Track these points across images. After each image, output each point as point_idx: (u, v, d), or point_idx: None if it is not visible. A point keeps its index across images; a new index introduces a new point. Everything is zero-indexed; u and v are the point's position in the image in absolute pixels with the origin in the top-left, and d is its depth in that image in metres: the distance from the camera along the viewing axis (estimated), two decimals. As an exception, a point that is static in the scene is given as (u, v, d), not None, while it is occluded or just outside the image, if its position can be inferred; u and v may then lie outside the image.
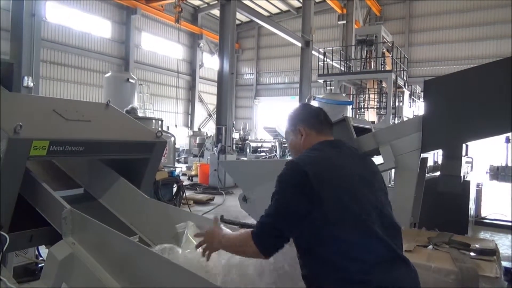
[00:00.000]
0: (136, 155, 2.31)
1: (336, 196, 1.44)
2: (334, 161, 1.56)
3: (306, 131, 1.70)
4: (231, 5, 12.76)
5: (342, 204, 1.43)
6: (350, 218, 1.42)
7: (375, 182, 1.62)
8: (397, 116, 15.11)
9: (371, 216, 1.45)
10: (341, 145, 1.67)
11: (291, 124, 1.77)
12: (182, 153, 19.92)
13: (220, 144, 12.05)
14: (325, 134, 1.71)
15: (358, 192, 1.50)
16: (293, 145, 1.76)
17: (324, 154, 1.58)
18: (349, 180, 1.51)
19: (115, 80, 14.37)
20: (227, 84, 12.57)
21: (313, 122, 1.72)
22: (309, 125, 1.71)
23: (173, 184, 7.47)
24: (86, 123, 2.17)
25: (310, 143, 1.67)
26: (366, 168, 1.64)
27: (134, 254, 1.54)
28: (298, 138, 1.72)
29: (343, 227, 1.41)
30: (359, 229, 1.41)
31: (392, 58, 15.67)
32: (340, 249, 1.39)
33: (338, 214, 1.42)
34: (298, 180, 1.46)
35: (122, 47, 21.04)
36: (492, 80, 2.85)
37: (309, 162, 1.51)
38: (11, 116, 1.83)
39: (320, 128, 1.71)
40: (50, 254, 1.74)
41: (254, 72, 28.84)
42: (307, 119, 1.73)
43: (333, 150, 1.61)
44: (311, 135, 1.70)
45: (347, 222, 1.42)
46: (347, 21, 20.05)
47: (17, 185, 1.81)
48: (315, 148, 1.62)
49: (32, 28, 7.92)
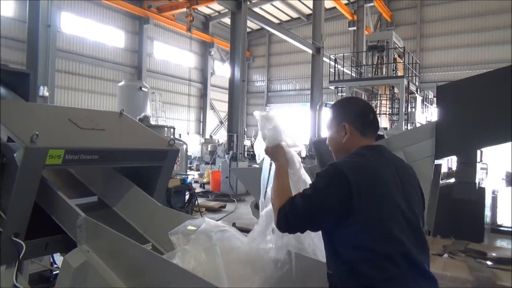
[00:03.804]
0: (149, 163, 2.33)
1: (373, 209, 1.41)
2: (376, 170, 1.51)
3: (351, 130, 1.62)
4: (241, 14, 12.87)
5: (378, 219, 1.41)
6: (384, 233, 1.41)
7: (415, 196, 1.58)
8: (409, 122, 14.95)
9: (405, 233, 1.43)
10: (383, 150, 1.62)
11: (337, 118, 1.67)
12: (194, 161, 20.03)
13: (232, 151, 12.08)
14: (369, 138, 1.64)
15: (396, 207, 1.46)
16: (333, 140, 1.69)
17: (366, 160, 1.52)
18: (389, 193, 1.47)
19: (128, 88, 14.56)
20: (238, 92, 12.63)
21: (360, 122, 1.63)
22: (355, 125, 1.62)
23: (185, 191, 7.50)
24: (100, 132, 2.20)
25: (353, 145, 1.61)
26: (406, 180, 1.58)
27: (148, 262, 1.55)
28: (341, 135, 1.64)
29: (375, 239, 1.40)
30: (391, 243, 1.40)
31: (404, 63, 15.56)
32: (368, 257, 1.39)
33: (372, 227, 1.40)
34: (339, 184, 1.43)
35: (135, 56, 21.34)
36: (507, 85, 2.81)
37: (351, 168, 1.46)
38: (28, 125, 1.87)
39: (365, 130, 1.63)
40: (65, 262, 1.75)
41: (265, 79, 28.93)
42: (354, 117, 1.64)
43: (375, 156, 1.55)
44: (354, 136, 1.62)
45: (380, 236, 1.40)
46: (358, 27, 20.01)
47: (33, 193, 1.83)
48: (358, 153, 1.56)
49: (48, 38, 8.09)
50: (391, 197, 1.46)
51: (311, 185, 1.53)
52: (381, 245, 1.39)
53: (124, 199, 2.30)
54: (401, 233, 1.42)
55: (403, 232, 1.43)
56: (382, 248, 1.39)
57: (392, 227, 1.42)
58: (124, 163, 2.24)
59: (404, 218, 1.46)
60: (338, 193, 1.42)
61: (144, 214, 2.21)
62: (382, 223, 1.41)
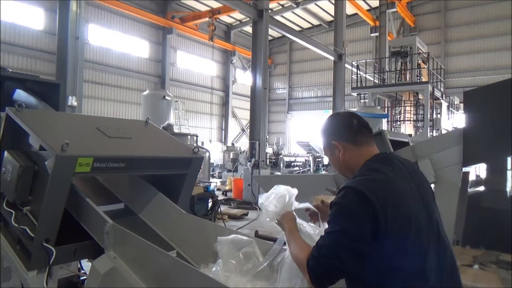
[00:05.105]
0: (174, 170, 2.36)
1: (401, 228, 1.35)
2: (396, 185, 1.42)
3: (342, 144, 1.56)
4: (263, 22, 12.96)
5: (405, 237, 1.35)
6: (412, 251, 1.35)
7: (433, 204, 1.53)
8: (435, 129, 14.64)
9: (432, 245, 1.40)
10: (392, 159, 1.54)
11: (325, 141, 1.64)
12: (216, 168, 20.15)
13: (254, 159, 12.10)
14: (366, 145, 1.56)
15: (422, 220, 1.41)
16: (333, 162, 1.64)
17: (383, 175, 1.43)
18: (414, 208, 1.41)
19: (152, 97, 14.84)
20: (260, 99, 12.68)
21: (346, 133, 1.57)
22: (343, 138, 1.56)
23: (208, 198, 7.55)
24: (127, 140, 2.24)
25: (353, 159, 1.54)
26: (420, 182, 1.53)
27: (173, 269, 1.56)
28: (336, 154, 1.58)
29: (402, 260, 1.34)
30: (422, 259, 1.36)
31: (428, 69, 15.28)
32: (401, 278, 1.33)
33: (401, 247, 1.34)
34: (361, 207, 1.32)
35: (159, 65, 21.78)
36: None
37: (370, 187, 1.35)
38: (58, 134, 1.92)
39: (355, 138, 1.55)
40: (93, 268, 1.79)
41: (287, 87, 28.95)
42: (338, 131, 1.59)
43: (387, 168, 1.46)
44: (349, 149, 1.56)
45: (406, 255, 1.35)
46: (380, 33, 19.82)
47: (63, 200, 1.87)
48: (370, 168, 1.47)
49: (76, 50, 8.34)
50: (414, 212, 1.40)
51: (330, 220, 1.39)
52: (411, 263, 1.34)
53: (149, 206, 2.34)
54: (428, 246, 1.39)
55: (430, 244, 1.40)
56: (413, 266, 1.34)
57: (421, 243, 1.37)
58: (150, 171, 2.27)
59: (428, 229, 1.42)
60: (363, 217, 1.32)
61: (169, 221, 2.23)
62: (410, 240, 1.36)
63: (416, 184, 1.49)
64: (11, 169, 2.02)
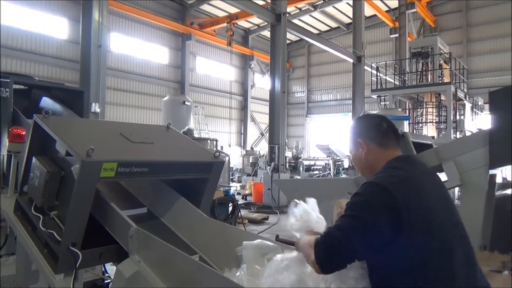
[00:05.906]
0: (195, 175, 2.38)
1: (423, 223, 1.34)
2: (419, 182, 1.45)
3: (367, 144, 1.61)
4: (281, 26, 12.98)
5: (430, 233, 1.35)
6: (434, 248, 1.34)
7: (453, 205, 1.53)
8: (458, 130, 14.29)
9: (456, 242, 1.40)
10: (414, 159, 1.59)
11: (352, 136, 1.69)
12: (235, 172, 20.21)
13: (273, 163, 12.09)
14: (391, 148, 1.59)
15: (445, 218, 1.42)
16: (354, 158, 1.70)
17: (405, 172, 1.46)
18: (436, 205, 1.42)
19: (172, 103, 15.03)
20: (279, 103, 12.67)
21: (373, 134, 1.62)
22: (369, 138, 1.61)
23: (229, 203, 7.58)
24: (150, 145, 2.28)
25: (375, 159, 1.58)
26: (441, 187, 1.55)
27: (197, 273, 1.57)
28: (359, 151, 1.64)
29: (427, 257, 1.33)
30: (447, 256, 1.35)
31: (450, 69, 14.96)
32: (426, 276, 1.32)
33: (423, 244, 1.33)
34: (383, 201, 1.33)
35: (178, 71, 22.06)
36: None
37: (392, 182, 1.38)
38: (83, 140, 1.97)
39: (381, 141, 1.59)
40: (117, 272, 1.82)
41: (305, 90, 28.84)
42: (366, 131, 1.64)
43: (409, 167, 1.50)
44: (373, 149, 1.60)
45: (430, 252, 1.34)
46: (400, 34, 19.54)
47: (89, 204, 1.92)
48: (393, 167, 1.50)
49: (99, 58, 8.56)
50: (436, 209, 1.42)
51: (347, 209, 1.39)
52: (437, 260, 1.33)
53: (172, 210, 2.36)
54: (453, 245, 1.38)
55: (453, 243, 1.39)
56: (438, 262, 1.32)
57: (444, 240, 1.37)
58: (172, 175, 2.29)
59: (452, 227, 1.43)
60: (384, 210, 1.32)
61: (192, 225, 2.25)
62: (434, 237, 1.35)
63: (436, 184, 1.53)
64: (39, 175, 2.08)
